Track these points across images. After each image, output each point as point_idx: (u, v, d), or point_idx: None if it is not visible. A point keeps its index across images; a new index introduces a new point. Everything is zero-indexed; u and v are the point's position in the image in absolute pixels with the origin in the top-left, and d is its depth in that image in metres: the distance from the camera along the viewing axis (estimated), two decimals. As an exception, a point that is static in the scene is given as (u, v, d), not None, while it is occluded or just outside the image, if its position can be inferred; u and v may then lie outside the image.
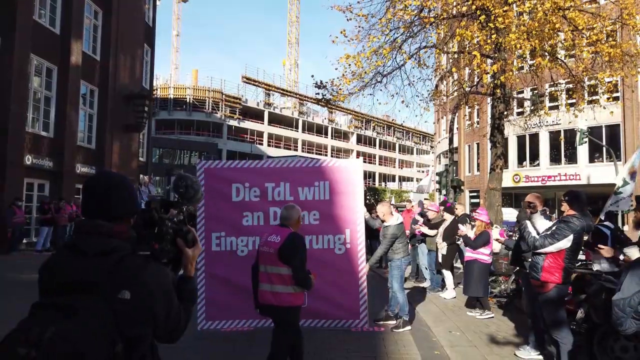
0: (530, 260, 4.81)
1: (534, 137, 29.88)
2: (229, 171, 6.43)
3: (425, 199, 34.94)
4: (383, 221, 6.82)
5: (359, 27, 11.39)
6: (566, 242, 4.34)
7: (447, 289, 8.99)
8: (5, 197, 13.82)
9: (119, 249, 1.61)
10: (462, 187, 32.20)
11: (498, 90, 10.67)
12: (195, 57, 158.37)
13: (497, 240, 7.81)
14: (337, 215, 6.30)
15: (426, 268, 9.94)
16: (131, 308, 1.53)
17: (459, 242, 8.79)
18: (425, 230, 9.40)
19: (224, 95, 59.93)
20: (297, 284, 4.04)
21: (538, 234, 4.54)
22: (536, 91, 14.28)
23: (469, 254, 7.59)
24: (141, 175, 21.57)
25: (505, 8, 8.99)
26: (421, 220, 9.72)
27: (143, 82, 23.87)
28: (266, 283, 4.12)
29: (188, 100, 58.92)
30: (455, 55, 12.53)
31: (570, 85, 12.36)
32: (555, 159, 29.86)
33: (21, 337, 1.38)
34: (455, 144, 34.58)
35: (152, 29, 25.32)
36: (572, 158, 28.96)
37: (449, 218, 9.03)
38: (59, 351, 1.37)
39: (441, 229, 8.96)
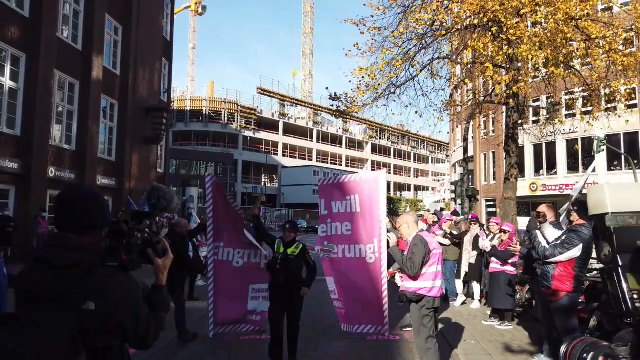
0: (540, 269, 4.88)
1: (551, 146, 29.59)
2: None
3: (441, 208, 34.78)
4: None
5: (373, 39, 11.58)
6: (576, 251, 4.41)
7: (459, 297, 9.04)
8: (31, 209, 14.25)
9: (87, 262, 1.63)
10: (478, 197, 31.97)
11: (511, 100, 10.74)
12: (211, 69, 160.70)
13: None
14: (367, 225, 6.57)
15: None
16: (97, 318, 1.56)
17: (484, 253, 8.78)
18: (440, 239, 9.44)
19: (239, 107, 60.64)
20: None
21: (548, 243, 4.62)
22: (552, 100, 14.27)
23: (495, 265, 7.56)
24: (159, 187, 21.93)
25: (516, 20, 9.09)
26: (441, 232, 9.59)
27: (161, 95, 24.40)
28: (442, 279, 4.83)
29: (204, 112, 59.76)
30: (469, 66, 12.63)
31: (585, 94, 12.33)
32: (572, 167, 29.51)
33: None
34: (471, 153, 34.47)
35: (169, 43, 25.91)
36: (590, 166, 28.59)
37: (475, 228, 9.12)
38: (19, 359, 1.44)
39: (469, 236, 9.04)
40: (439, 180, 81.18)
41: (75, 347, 1.52)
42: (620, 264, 1.41)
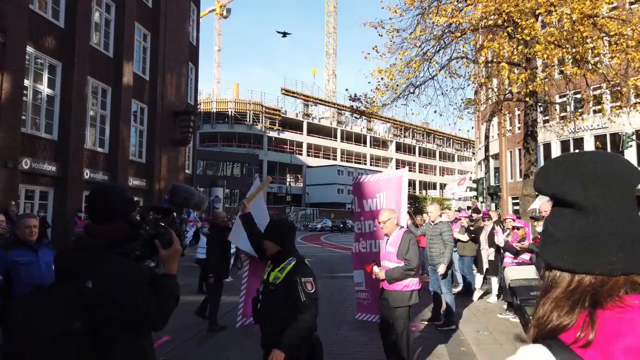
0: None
1: (579, 142, 29.15)
2: None
3: (468, 207, 34.67)
4: (431, 222, 7.36)
5: (391, 41, 11.83)
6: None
7: (477, 292, 9.26)
8: (68, 209, 15.07)
9: (94, 246, 1.90)
10: (500, 194, 31.69)
11: (528, 99, 10.84)
12: (236, 70, 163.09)
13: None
14: None
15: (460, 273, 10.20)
16: (95, 295, 1.77)
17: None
18: (458, 236, 9.67)
19: (264, 108, 61.44)
20: None
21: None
22: (578, 95, 14.20)
23: (508, 260, 7.81)
24: (187, 187, 22.62)
25: (531, 20, 9.22)
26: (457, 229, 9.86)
27: (188, 99, 25.15)
28: None
29: (230, 113, 60.79)
30: (488, 65, 12.73)
31: (606, 90, 12.28)
32: (601, 163, 28.98)
33: (10, 318, 1.85)
34: (496, 151, 34.14)
35: (196, 48, 26.67)
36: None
37: (489, 224, 9.31)
38: (27, 325, 1.74)
39: (484, 234, 9.25)
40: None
41: (73, 315, 1.74)
42: None
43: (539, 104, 11.86)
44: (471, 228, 9.55)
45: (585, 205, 0.82)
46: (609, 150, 27.41)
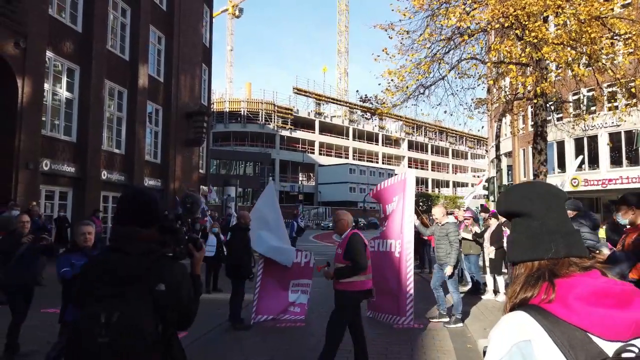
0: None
1: (593, 140, 28.90)
2: None
3: (481, 205, 34.47)
4: (437, 223, 7.55)
5: (401, 43, 11.95)
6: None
7: (487, 292, 9.38)
8: (86, 210, 15.50)
9: (154, 251, 1.98)
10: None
11: (536, 100, 10.89)
12: (248, 69, 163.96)
13: None
14: (398, 221, 7.14)
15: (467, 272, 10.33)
16: (165, 297, 1.86)
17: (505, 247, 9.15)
18: (463, 234, 9.77)
19: (276, 107, 61.79)
20: None
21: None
22: (590, 93, 14.18)
23: None
24: (202, 187, 23.07)
25: (538, 23, 9.30)
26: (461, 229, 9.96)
27: (201, 100, 25.54)
28: None
29: (242, 113, 61.25)
30: (498, 66, 12.78)
31: (618, 89, 12.27)
32: (616, 161, 28.75)
33: (94, 321, 1.78)
34: (509, 149, 33.99)
35: (209, 49, 27.04)
36: (634, 160, 27.82)
37: (494, 223, 9.42)
38: (123, 328, 1.77)
39: (487, 233, 9.37)
40: (478, 177, 79.71)
41: (154, 318, 1.83)
42: None
43: (549, 104, 11.87)
44: (477, 232, 9.63)
45: (536, 214, 1.16)
46: (623, 147, 27.28)
